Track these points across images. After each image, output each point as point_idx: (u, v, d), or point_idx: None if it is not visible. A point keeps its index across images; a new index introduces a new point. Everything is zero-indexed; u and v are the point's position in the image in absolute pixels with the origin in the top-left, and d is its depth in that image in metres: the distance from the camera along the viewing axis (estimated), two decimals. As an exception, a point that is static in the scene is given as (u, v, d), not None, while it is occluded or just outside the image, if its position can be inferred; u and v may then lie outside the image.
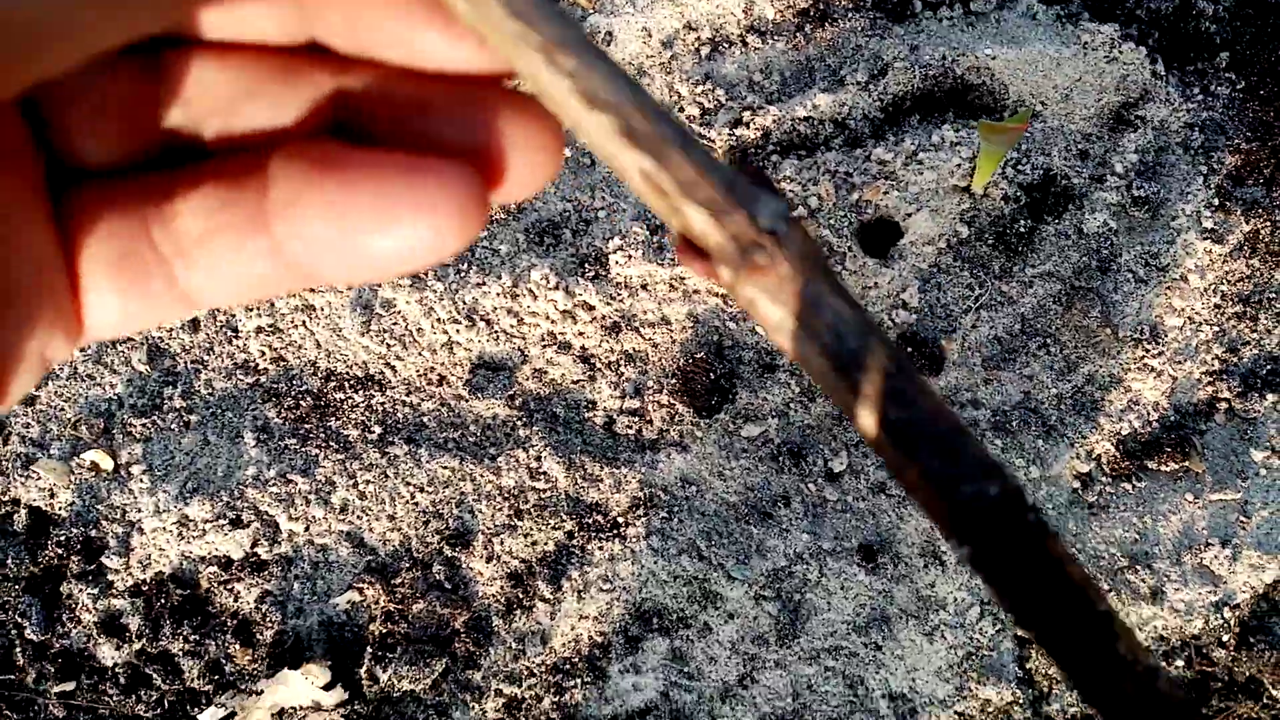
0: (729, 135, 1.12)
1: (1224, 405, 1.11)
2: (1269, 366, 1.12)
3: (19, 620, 1.11)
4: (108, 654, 1.10)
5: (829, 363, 0.22)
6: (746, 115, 1.12)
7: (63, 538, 1.11)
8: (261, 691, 1.05)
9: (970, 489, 0.22)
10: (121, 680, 1.10)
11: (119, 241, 0.25)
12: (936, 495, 0.22)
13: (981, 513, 0.22)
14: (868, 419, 0.23)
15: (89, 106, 0.24)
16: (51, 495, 1.11)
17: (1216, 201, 1.12)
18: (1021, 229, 1.11)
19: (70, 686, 1.11)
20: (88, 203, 0.25)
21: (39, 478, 1.11)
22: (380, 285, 1.11)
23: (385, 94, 0.24)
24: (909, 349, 1.10)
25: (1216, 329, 1.11)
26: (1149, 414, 1.11)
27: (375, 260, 0.23)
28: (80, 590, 1.10)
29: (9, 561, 1.11)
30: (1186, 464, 1.10)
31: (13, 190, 0.23)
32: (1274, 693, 1.15)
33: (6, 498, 1.12)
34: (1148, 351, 1.11)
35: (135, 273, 0.25)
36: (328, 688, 1.06)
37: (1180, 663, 1.11)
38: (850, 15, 1.15)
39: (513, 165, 0.24)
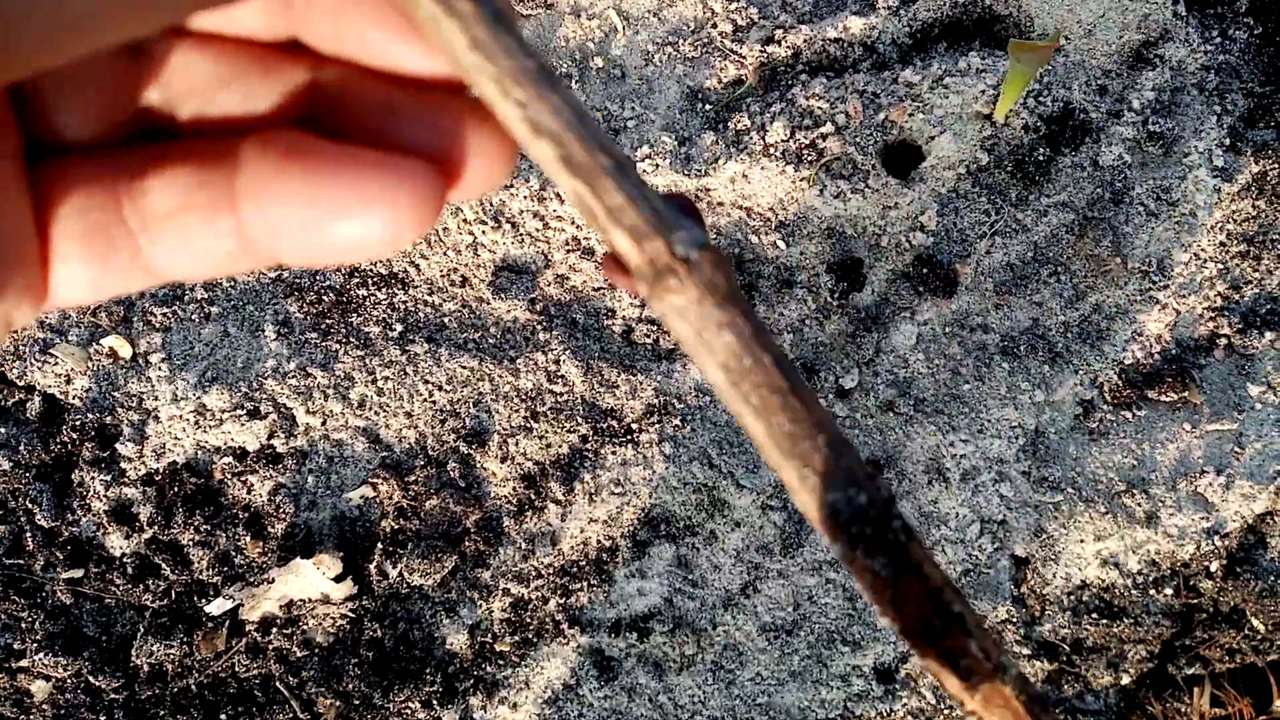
0: (760, 52, 1.13)
1: (1224, 341, 1.14)
2: (1269, 306, 1.15)
3: (29, 507, 1.11)
4: (117, 543, 1.10)
5: (726, 377, 0.25)
6: (778, 33, 1.13)
7: (77, 424, 1.11)
8: (273, 580, 1.06)
9: (839, 496, 0.26)
10: (129, 569, 1.10)
11: (91, 214, 0.26)
12: (813, 498, 0.26)
13: (850, 518, 0.26)
14: (757, 428, 0.26)
15: (70, 84, 0.25)
16: (68, 381, 1.11)
17: (1228, 142, 1.15)
18: (1039, 158, 1.13)
19: (78, 574, 1.11)
20: (63, 176, 0.26)
21: (56, 363, 1.11)
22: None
23: (357, 93, 0.26)
24: (924, 270, 1.12)
25: (1221, 266, 1.14)
26: (1151, 345, 1.14)
27: (334, 246, 0.25)
28: (92, 478, 1.11)
29: (21, 448, 1.11)
30: (1185, 395, 1.13)
31: None
32: (1255, 623, 1.19)
33: (21, 384, 1.12)
34: (1154, 284, 1.14)
35: (104, 245, 0.26)
36: (338, 580, 1.07)
37: (1169, 590, 1.14)
38: (881, -60, 1.16)
39: (469, 168, 0.26)
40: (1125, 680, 1.17)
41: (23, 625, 1.10)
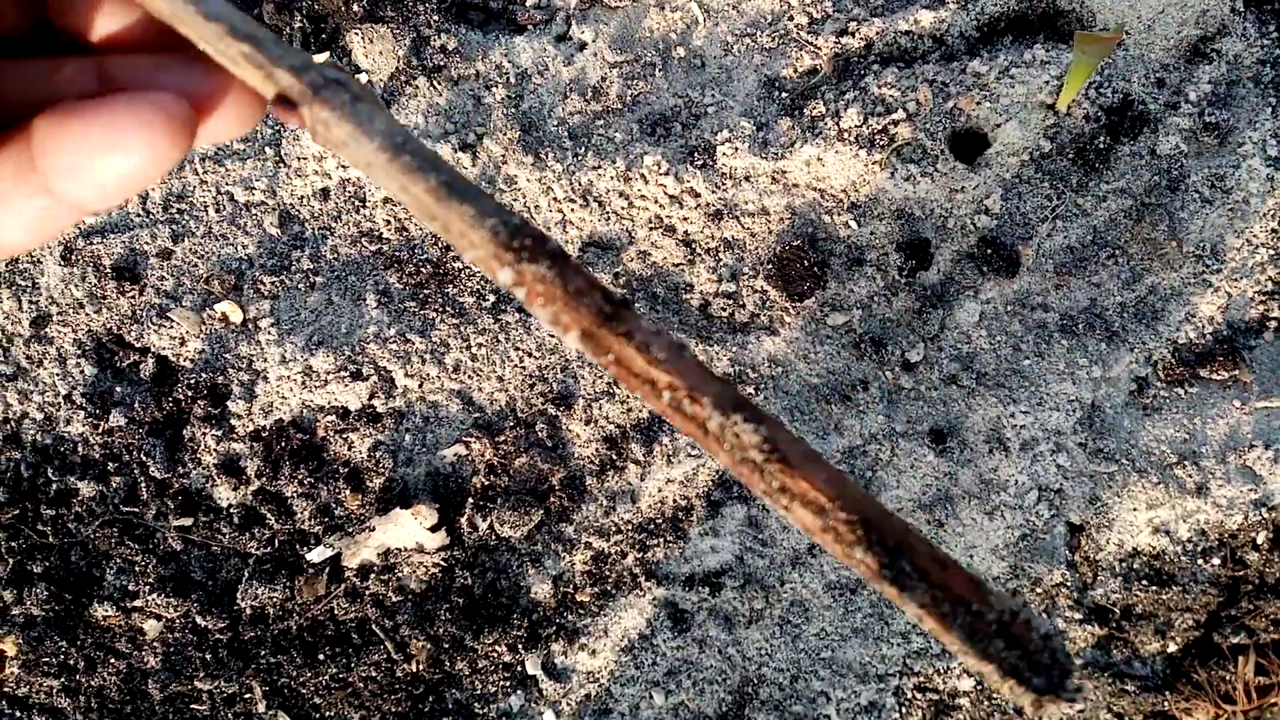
0: (834, 43, 1.19)
1: (1274, 323, 1.19)
2: (1317, 292, 1.20)
3: (143, 460, 1.19)
4: (225, 494, 1.19)
5: (387, 155, 0.32)
6: (851, 25, 1.19)
7: (191, 383, 1.19)
8: (375, 528, 1.14)
9: (494, 222, 0.33)
10: (236, 519, 1.19)
11: None
12: (482, 239, 0.33)
13: (511, 234, 0.33)
14: (422, 196, 0.33)
15: None
16: (181, 344, 1.19)
17: (1278, 130, 1.20)
18: (1100, 147, 1.19)
19: (188, 522, 1.19)
20: None
21: (171, 326, 1.19)
22: (505, 162, 1.19)
23: (120, 63, 0.34)
24: (988, 251, 1.18)
25: (1272, 251, 1.20)
26: (1204, 326, 1.19)
27: (111, 178, 0.30)
28: (203, 434, 1.19)
29: (135, 406, 1.20)
30: (1236, 374, 1.18)
31: None
32: (1297, 595, 1.24)
33: (138, 345, 1.20)
34: (1207, 268, 1.19)
35: None
36: (433, 530, 1.14)
37: (1216, 560, 1.20)
38: (951, -62, 1.22)
39: (219, 109, 0.34)
40: (1172, 648, 1.23)
41: (136, 569, 1.18)
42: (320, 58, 1.05)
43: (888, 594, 0.33)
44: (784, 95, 1.20)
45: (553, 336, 1.18)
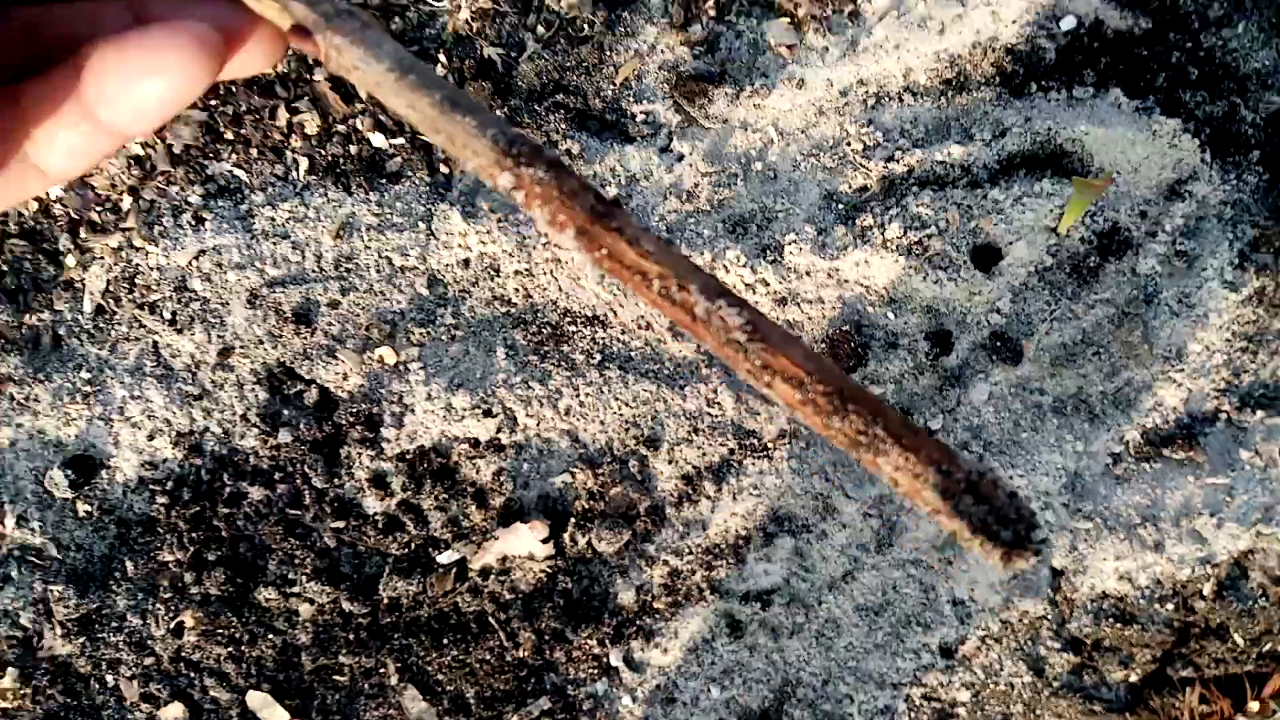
0: (883, 166, 1.49)
1: (1225, 415, 1.48)
2: (1261, 391, 1.49)
3: (306, 471, 1.47)
4: (372, 504, 1.46)
5: (395, 75, 0.35)
6: (897, 154, 1.49)
7: (351, 410, 1.47)
8: (497, 537, 1.41)
9: (495, 132, 0.36)
10: (380, 524, 1.46)
11: None
12: (481, 144, 0.36)
13: (510, 142, 0.36)
14: (427, 111, 0.35)
15: None
16: (344, 378, 1.47)
17: (1237, 261, 1.50)
18: (1091, 264, 1.48)
19: (340, 525, 1.46)
20: None
21: (336, 363, 1.47)
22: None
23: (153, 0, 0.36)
24: (998, 343, 1.47)
25: (1225, 357, 1.49)
26: (1169, 415, 1.48)
27: (151, 101, 0.32)
28: (358, 453, 1.46)
29: (301, 427, 1.47)
30: (1192, 455, 1.47)
31: None
32: (1236, 638, 1.52)
33: (306, 377, 1.48)
34: (1173, 368, 1.48)
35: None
36: (544, 542, 1.42)
37: (1170, 606, 1.48)
38: (981, 88, 1.52)
39: (245, 45, 0.36)
40: (1133, 678, 1.51)
41: (295, 560, 1.45)
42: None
43: (864, 460, 0.34)
44: (840, 207, 1.49)
45: (646, 390, 1.46)
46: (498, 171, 0.34)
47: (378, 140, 1.52)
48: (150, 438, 1.48)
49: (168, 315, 1.49)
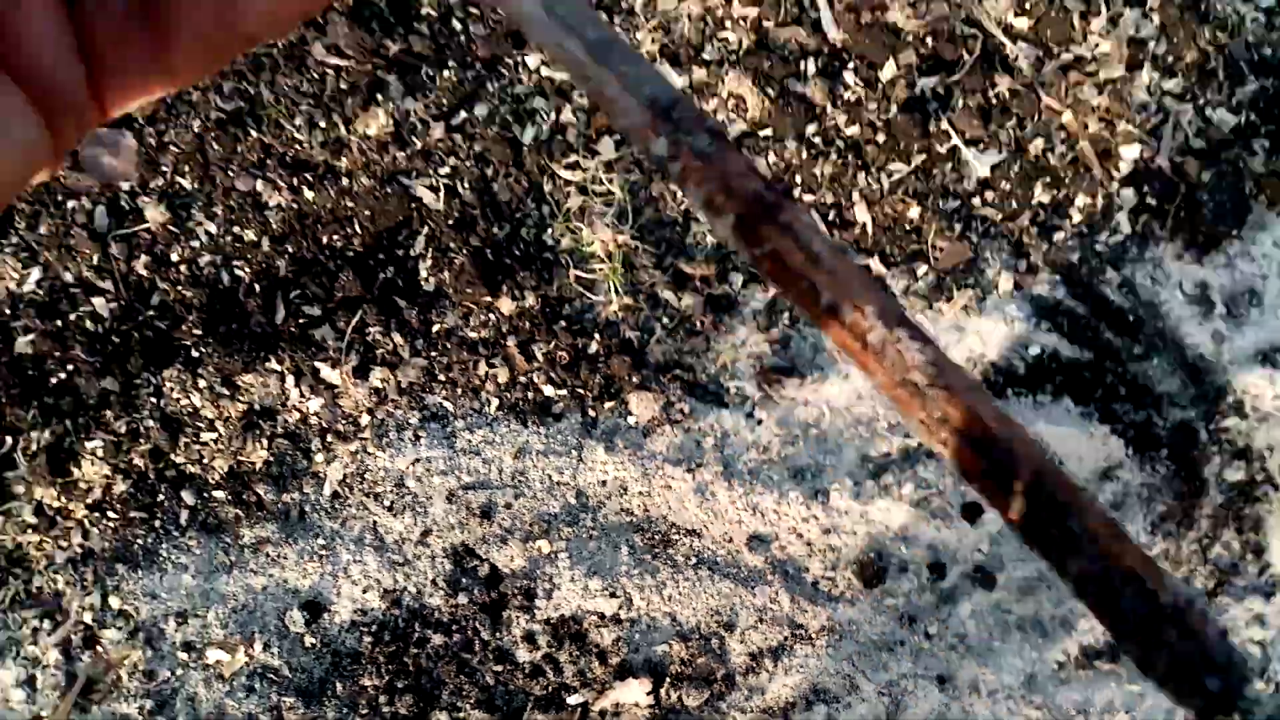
0: (902, 441, 2.12)
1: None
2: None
3: (476, 626, 2.03)
4: (523, 654, 2.01)
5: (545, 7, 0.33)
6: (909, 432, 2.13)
7: (514, 584, 2.04)
8: (613, 687, 1.97)
9: (651, 91, 0.32)
10: (527, 670, 2.01)
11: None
12: (633, 102, 0.33)
13: (667, 106, 0.32)
14: (573, 50, 0.33)
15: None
16: (511, 560, 2.05)
17: (1149, 528, 2.11)
18: (1046, 523, 2.09)
19: (499, 668, 2.01)
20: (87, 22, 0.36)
21: (507, 548, 2.05)
22: (711, 482, 2.09)
23: None
24: (979, 574, 2.06)
25: (1141, 597, 2.08)
26: (1100, 636, 2.06)
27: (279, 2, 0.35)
28: (515, 616, 2.03)
29: (474, 592, 2.04)
30: (1115, 667, 2.04)
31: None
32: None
33: (483, 556, 2.06)
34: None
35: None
36: (648, 694, 1.97)
37: (1099, 779, 2.02)
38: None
39: None
40: (1071, 837, 2.02)
41: (463, 692, 1.99)
42: (607, 405, 1.95)
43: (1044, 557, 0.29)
44: (870, 466, 2.12)
45: (724, 587, 2.04)
46: (652, 136, 0.31)
47: (548, 390, 2.16)
48: (364, 591, 2.04)
49: (386, 503, 2.08)
